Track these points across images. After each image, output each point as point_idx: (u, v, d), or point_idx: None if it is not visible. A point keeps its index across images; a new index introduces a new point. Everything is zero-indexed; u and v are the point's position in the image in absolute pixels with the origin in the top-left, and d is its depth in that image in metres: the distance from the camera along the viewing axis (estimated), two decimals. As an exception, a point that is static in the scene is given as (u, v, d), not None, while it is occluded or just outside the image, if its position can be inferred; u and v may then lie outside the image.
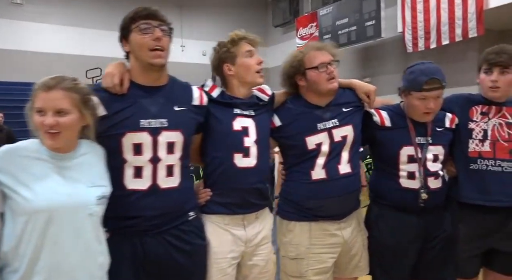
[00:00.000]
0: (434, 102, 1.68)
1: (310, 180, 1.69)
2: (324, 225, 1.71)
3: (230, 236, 1.62)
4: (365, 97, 1.78)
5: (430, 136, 1.76)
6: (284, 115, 1.76)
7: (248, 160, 1.61)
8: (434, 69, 1.72)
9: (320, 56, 1.71)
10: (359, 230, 1.81)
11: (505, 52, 1.72)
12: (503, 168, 1.73)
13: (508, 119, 1.78)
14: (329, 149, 1.68)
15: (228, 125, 1.63)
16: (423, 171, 1.72)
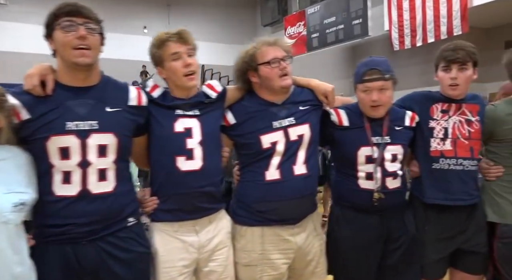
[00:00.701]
0: (377, 94, 1.63)
1: (263, 181, 1.61)
2: (277, 230, 1.63)
3: (179, 243, 1.54)
4: (323, 98, 1.72)
5: (388, 135, 1.71)
6: (238, 112, 1.67)
7: (192, 162, 1.53)
8: (376, 60, 1.69)
9: (273, 52, 1.63)
10: (316, 234, 1.73)
11: (461, 48, 1.70)
12: (464, 167, 1.72)
13: (468, 116, 1.76)
14: (285, 148, 1.61)
15: (169, 127, 1.54)
16: (381, 171, 1.68)
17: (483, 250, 1.75)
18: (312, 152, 1.68)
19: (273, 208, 1.61)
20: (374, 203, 1.67)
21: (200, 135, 1.56)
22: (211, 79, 10.06)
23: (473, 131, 1.74)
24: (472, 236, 1.73)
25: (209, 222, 1.60)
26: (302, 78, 1.79)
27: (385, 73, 1.63)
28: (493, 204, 1.75)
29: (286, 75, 1.63)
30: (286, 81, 1.63)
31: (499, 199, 1.74)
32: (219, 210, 1.64)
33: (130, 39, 11.76)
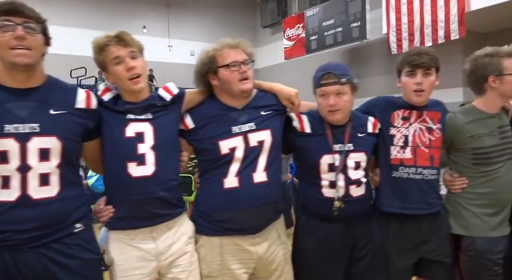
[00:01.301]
0: (334, 98, 1.60)
1: (221, 189, 1.56)
2: (237, 240, 1.58)
3: (136, 251, 1.50)
4: (287, 103, 1.69)
5: (351, 143, 1.68)
6: (197, 116, 1.63)
7: (144, 168, 1.48)
8: (333, 65, 1.67)
9: (234, 54, 1.59)
10: (280, 243, 1.68)
11: (426, 53, 1.68)
12: (424, 176, 1.69)
13: (429, 124, 1.72)
14: (244, 155, 1.56)
15: (120, 132, 1.49)
16: (344, 179, 1.65)
17: (447, 259, 1.73)
18: (274, 159, 1.62)
19: (232, 218, 1.56)
20: (334, 212, 1.63)
21: (153, 140, 1.51)
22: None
23: (434, 139, 1.71)
24: (436, 246, 1.72)
25: (168, 228, 1.55)
26: (265, 82, 1.75)
27: (341, 77, 1.60)
28: (457, 216, 1.74)
29: (247, 79, 1.58)
30: (245, 85, 1.58)
31: (463, 210, 1.72)
32: (179, 216, 1.59)
33: (129, 39, 11.75)
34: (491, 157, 1.70)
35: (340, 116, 1.65)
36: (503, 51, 1.71)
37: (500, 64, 1.69)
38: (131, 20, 12.21)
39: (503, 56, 1.70)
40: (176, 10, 12.77)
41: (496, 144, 1.70)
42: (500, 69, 1.69)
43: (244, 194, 1.54)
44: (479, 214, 1.70)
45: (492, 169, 1.70)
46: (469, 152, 1.71)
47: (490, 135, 1.70)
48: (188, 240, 1.59)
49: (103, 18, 11.31)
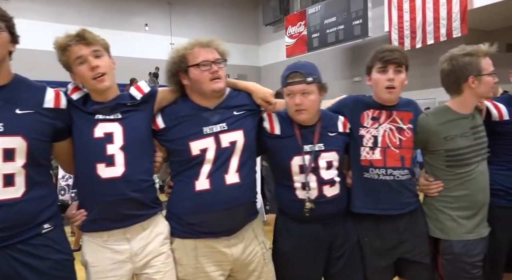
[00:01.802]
0: (300, 97, 1.57)
1: (193, 192, 1.51)
2: (211, 242, 1.54)
3: (110, 253, 1.48)
4: (262, 102, 1.64)
5: (321, 143, 1.64)
6: (168, 116, 1.58)
7: (113, 169, 1.44)
8: (300, 64, 1.63)
9: (204, 53, 1.54)
10: (258, 243, 1.64)
11: (397, 50, 1.64)
12: (395, 177, 1.65)
13: (399, 124, 1.68)
14: (215, 156, 1.52)
15: (88, 133, 1.46)
16: (316, 179, 1.62)
17: (426, 259, 1.70)
18: (247, 160, 1.58)
19: (204, 220, 1.52)
20: (305, 213, 1.61)
21: (122, 140, 1.47)
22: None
23: (404, 140, 1.67)
24: (413, 246, 1.69)
25: (143, 229, 1.52)
26: (240, 81, 1.73)
27: (307, 77, 1.57)
28: (434, 219, 1.71)
29: (218, 78, 1.54)
30: (217, 85, 1.54)
31: (439, 214, 1.70)
32: (153, 216, 1.55)
33: (131, 37, 11.79)
34: (465, 158, 1.66)
35: (306, 116, 1.62)
36: (481, 51, 1.66)
37: (479, 64, 1.65)
38: (133, 18, 12.23)
39: (481, 55, 1.66)
40: (178, 8, 12.78)
41: (470, 145, 1.67)
42: (479, 69, 1.65)
43: (215, 196, 1.50)
44: (455, 217, 1.67)
45: (466, 170, 1.67)
46: (442, 154, 1.67)
47: (463, 136, 1.67)
48: (163, 240, 1.56)
49: (105, 16, 11.34)
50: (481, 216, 1.70)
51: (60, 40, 1.43)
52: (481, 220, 1.70)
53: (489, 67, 1.66)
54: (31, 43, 10.06)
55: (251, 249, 1.61)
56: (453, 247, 1.65)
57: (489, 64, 1.66)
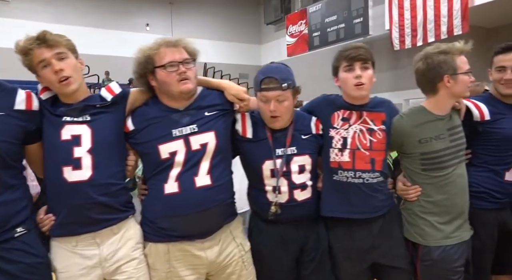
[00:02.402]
0: (275, 104, 1.52)
1: (162, 195, 1.47)
2: (184, 246, 1.50)
3: (79, 259, 1.44)
4: (234, 98, 1.58)
5: (294, 146, 1.60)
6: (138, 118, 1.54)
7: (80, 172, 1.40)
8: (274, 68, 1.57)
9: (171, 54, 1.48)
10: (236, 245, 1.59)
11: (361, 46, 1.60)
12: (364, 180, 1.60)
13: (370, 125, 1.62)
14: (185, 159, 1.47)
15: (55, 135, 1.42)
16: (288, 184, 1.59)
17: (404, 264, 1.66)
18: (220, 161, 1.54)
19: (175, 224, 1.48)
20: (269, 216, 1.59)
21: (90, 143, 1.44)
22: (213, 77, 9.99)
23: (375, 141, 1.61)
24: (388, 249, 1.64)
25: (113, 233, 1.48)
26: (214, 79, 1.67)
27: (283, 82, 1.52)
28: (413, 225, 1.67)
29: (186, 79, 1.49)
30: (185, 86, 1.49)
31: (418, 219, 1.65)
32: (124, 220, 1.51)
33: (132, 37, 11.81)
34: (441, 161, 1.61)
35: (280, 123, 1.59)
36: (455, 48, 1.61)
37: (454, 62, 1.59)
38: (134, 18, 12.25)
39: (456, 53, 1.61)
40: (179, 8, 12.79)
41: (446, 148, 1.61)
42: (454, 68, 1.59)
43: (184, 199, 1.45)
44: (433, 222, 1.62)
45: (443, 174, 1.61)
46: (418, 157, 1.63)
47: (439, 138, 1.61)
48: (135, 245, 1.52)
49: (106, 16, 11.36)
50: (461, 220, 1.65)
51: (21, 43, 1.39)
52: (461, 224, 1.65)
53: (464, 66, 1.61)
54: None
55: (228, 251, 1.57)
56: (432, 253, 1.61)
57: (464, 62, 1.61)
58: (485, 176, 1.77)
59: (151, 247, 1.53)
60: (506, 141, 1.76)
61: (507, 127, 1.76)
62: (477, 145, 1.77)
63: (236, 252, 1.59)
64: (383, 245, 1.64)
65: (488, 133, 1.75)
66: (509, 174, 1.79)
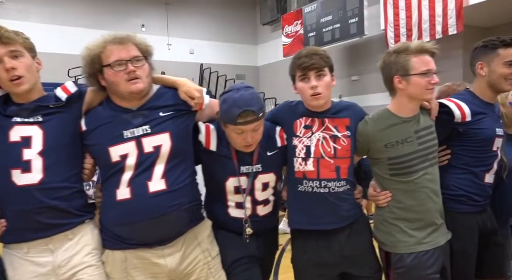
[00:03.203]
0: (252, 135, 1.47)
1: (115, 201, 1.41)
2: (142, 253, 1.43)
3: (31, 266, 1.38)
4: (186, 97, 1.50)
5: (259, 164, 1.56)
6: (91, 118, 1.47)
7: (29, 176, 1.35)
8: (248, 98, 1.46)
9: (117, 52, 1.40)
10: (201, 251, 1.53)
11: (315, 53, 1.53)
12: (330, 189, 1.55)
13: (333, 132, 1.57)
14: (136, 162, 1.40)
15: (3, 137, 1.37)
16: (251, 200, 1.56)
17: (374, 273, 1.62)
18: (177, 164, 1.46)
19: (129, 232, 1.42)
20: (245, 239, 1.55)
21: (41, 145, 1.38)
22: (209, 78, 9.93)
23: (339, 149, 1.56)
24: (357, 259, 1.60)
25: (68, 239, 1.42)
26: (170, 77, 1.58)
27: (259, 112, 1.47)
28: (384, 232, 1.62)
29: (136, 78, 1.41)
30: (135, 86, 1.41)
31: (389, 226, 1.60)
32: (80, 225, 1.45)
33: (127, 38, 11.77)
34: (409, 165, 1.55)
35: (253, 147, 1.55)
36: (411, 48, 1.53)
37: (406, 62, 1.52)
38: (129, 18, 12.20)
39: (411, 53, 1.53)
40: (175, 8, 12.75)
41: (414, 151, 1.55)
42: (406, 69, 1.52)
43: (137, 205, 1.38)
44: (405, 228, 1.57)
45: (412, 179, 1.56)
46: (385, 162, 1.57)
47: (405, 142, 1.55)
48: (91, 251, 1.46)
49: (101, 16, 11.30)
50: (433, 225, 1.59)
51: None
52: (436, 228, 1.59)
53: (420, 66, 1.50)
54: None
55: (192, 258, 1.50)
56: (404, 259, 1.55)
57: (421, 63, 1.51)
58: (465, 178, 1.70)
59: (108, 254, 1.46)
60: (486, 142, 1.69)
61: (487, 127, 1.69)
62: (457, 145, 1.70)
63: (201, 259, 1.52)
64: (352, 255, 1.58)
65: (469, 134, 1.68)
66: (489, 176, 1.73)
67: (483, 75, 1.72)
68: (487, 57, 1.71)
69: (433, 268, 1.55)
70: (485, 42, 1.75)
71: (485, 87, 1.73)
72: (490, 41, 1.74)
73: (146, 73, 1.46)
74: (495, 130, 1.71)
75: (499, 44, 1.70)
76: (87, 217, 1.48)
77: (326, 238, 1.58)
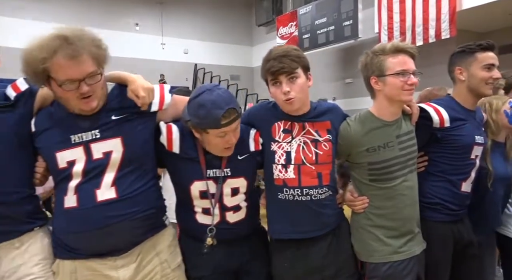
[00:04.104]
0: (234, 134, 1.38)
1: (62, 209, 1.32)
2: (93, 264, 1.34)
3: None
4: (132, 95, 1.36)
5: (228, 167, 1.45)
6: (40, 119, 1.37)
7: None
8: (226, 96, 1.37)
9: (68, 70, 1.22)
10: (158, 263, 1.42)
11: (285, 55, 1.41)
12: (312, 196, 1.46)
13: (314, 136, 1.48)
14: (84, 169, 1.30)
15: None
16: (219, 206, 1.45)
17: None
18: (132, 171, 1.35)
19: (76, 241, 1.33)
20: (203, 249, 1.43)
21: None
22: (203, 78, 9.88)
23: (321, 154, 1.48)
24: (338, 268, 1.52)
25: (14, 247, 1.33)
26: (122, 74, 1.42)
27: (239, 109, 1.38)
28: (359, 240, 1.55)
29: (90, 96, 1.27)
30: (87, 105, 1.28)
31: (365, 233, 1.54)
32: (28, 232, 1.35)
33: (122, 36, 11.71)
34: (389, 171, 1.49)
35: (233, 149, 1.44)
36: (387, 48, 1.48)
37: (381, 63, 1.47)
38: (123, 17, 12.14)
39: (387, 54, 1.47)
40: (169, 8, 12.70)
41: (395, 157, 1.49)
42: (381, 69, 1.46)
43: (83, 214, 1.29)
44: (381, 236, 1.51)
45: (391, 185, 1.50)
46: (365, 167, 1.51)
47: (387, 146, 1.49)
48: (40, 261, 1.36)
49: (95, 15, 11.22)
50: (410, 233, 1.53)
51: None
52: (412, 237, 1.53)
53: (395, 67, 1.45)
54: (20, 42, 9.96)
55: (149, 269, 1.40)
56: (379, 269, 1.49)
57: (397, 63, 1.45)
58: (441, 186, 1.65)
59: (58, 264, 1.37)
60: (465, 149, 1.64)
61: (466, 134, 1.64)
62: (434, 152, 1.64)
63: (158, 271, 1.41)
64: (333, 263, 1.52)
65: (447, 140, 1.62)
66: (466, 184, 1.67)
67: (463, 80, 1.69)
68: (465, 62, 1.68)
69: (408, 278, 1.51)
70: (462, 47, 1.72)
71: (466, 93, 1.69)
72: (467, 46, 1.71)
73: (101, 85, 1.32)
74: (474, 137, 1.66)
75: (476, 48, 1.67)
76: (36, 225, 1.39)
77: (308, 246, 1.51)
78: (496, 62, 1.66)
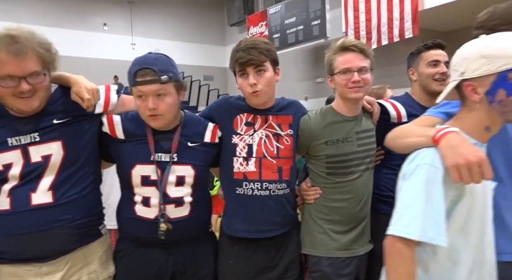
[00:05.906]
0: (155, 101, 1.31)
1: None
2: (17, 269, 1.28)
3: None
4: (76, 97, 1.32)
5: (176, 153, 1.39)
6: None
7: None
8: (152, 58, 1.33)
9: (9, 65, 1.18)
10: (87, 273, 1.36)
11: (254, 47, 1.39)
12: (271, 191, 1.45)
13: (276, 130, 1.48)
14: (21, 172, 1.26)
15: None
16: (159, 196, 1.37)
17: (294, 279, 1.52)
18: (71, 175, 1.32)
19: (5, 245, 1.28)
20: (160, 236, 1.36)
21: None
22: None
23: (282, 148, 1.48)
24: (284, 270, 1.49)
25: None
26: (64, 75, 1.38)
27: (162, 74, 1.30)
28: (307, 232, 1.54)
29: (30, 97, 1.23)
30: (26, 106, 1.24)
31: (313, 225, 1.53)
32: None
33: (89, 37, 11.44)
34: (346, 166, 1.50)
35: (163, 122, 1.37)
36: (335, 47, 1.49)
37: (332, 62, 1.49)
38: (90, 17, 11.87)
39: (336, 52, 1.49)
40: (139, 7, 12.51)
41: (352, 152, 1.50)
42: (331, 68, 1.49)
43: (16, 218, 1.25)
44: (328, 230, 1.50)
45: (347, 180, 1.50)
46: (323, 160, 1.50)
47: (346, 141, 1.50)
48: None
49: (60, 14, 10.94)
50: (359, 231, 1.52)
51: None
52: (359, 236, 1.52)
53: (340, 65, 1.46)
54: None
55: (77, 278, 1.34)
56: (321, 263, 1.48)
57: (342, 62, 1.46)
58: (394, 179, 1.59)
59: None
60: None
61: None
62: None
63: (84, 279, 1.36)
64: (280, 264, 1.49)
65: None
66: None
67: (415, 80, 1.78)
68: (415, 63, 1.77)
69: (350, 276, 1.50)
70: (413, 50, 1.81)
71: (419, 91, 1.77)
72: (416, 48, 1.80)
73: (45, 87, 1.28)
74: None
75: (422, 48, 1.77)
76: None
77: (257, 246, 1.47)
78: (442, 58, 1.72)
